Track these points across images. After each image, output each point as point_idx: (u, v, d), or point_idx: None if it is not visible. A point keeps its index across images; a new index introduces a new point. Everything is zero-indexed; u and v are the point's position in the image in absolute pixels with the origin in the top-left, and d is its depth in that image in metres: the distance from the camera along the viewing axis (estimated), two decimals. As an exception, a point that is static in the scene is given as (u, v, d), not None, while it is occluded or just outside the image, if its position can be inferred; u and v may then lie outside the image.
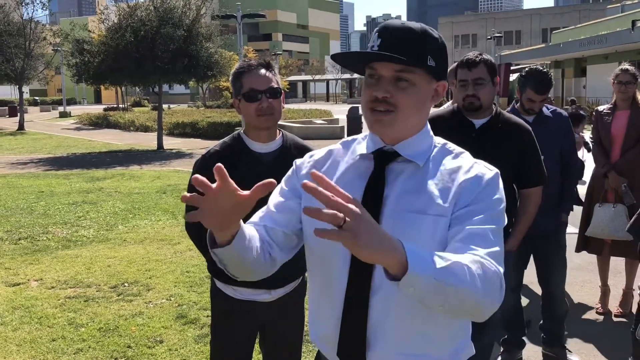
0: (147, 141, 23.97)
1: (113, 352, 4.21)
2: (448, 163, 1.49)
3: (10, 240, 7.61)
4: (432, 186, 1.45)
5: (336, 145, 1.62)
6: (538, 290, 4.43)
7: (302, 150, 2.46)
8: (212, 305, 2.72)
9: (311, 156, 1.63)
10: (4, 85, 40.06)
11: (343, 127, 24.19)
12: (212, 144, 2.64)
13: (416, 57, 1.41)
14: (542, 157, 3.25)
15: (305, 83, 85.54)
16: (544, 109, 4.00)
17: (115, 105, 47.76)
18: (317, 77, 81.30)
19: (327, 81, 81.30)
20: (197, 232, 2.66)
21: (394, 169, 1.48)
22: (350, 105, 26.10)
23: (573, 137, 4.13)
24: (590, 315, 4.98)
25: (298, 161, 1.63)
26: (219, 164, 1.22)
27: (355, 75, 78.63)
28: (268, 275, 1.53)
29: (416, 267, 1.14)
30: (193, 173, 2.59)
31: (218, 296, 2.64)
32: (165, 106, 28.14)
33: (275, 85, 2.47)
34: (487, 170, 1.48)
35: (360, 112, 21.93)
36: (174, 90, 55.03)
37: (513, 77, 32.26)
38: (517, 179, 3.21)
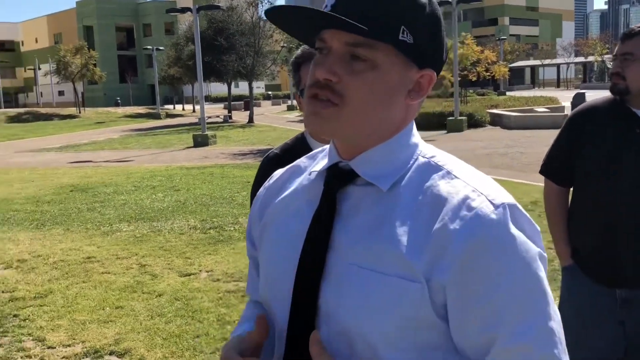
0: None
1: (249, 356, 4.09)
2: (430, 188, 0.95)
3: (201, 230, 8.04)
4: (400, 226, 0.92)
5: (303, 159, 1.18)
6: None
7: None
8: None
9: (270, 179, 1.21)
10: (243, 82, 43.89)
11: (567, 115, 22.09)
12: (425, 135, 2.25)
13: (379, 26, 0.90)
14: None
15: (533, 68, 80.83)
16: None
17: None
18: (547, 61, 76.24)
19: (558, 65, 75.86)
20: None
21: (350, 195, 1.00)
22: (576, 91, 23.81)
23: None
24: None
25: (261, 190, 1.21)
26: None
27: (590, 58, 72.25)
28: None
29: None
30: (255, 180, 2.26)
31: None
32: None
33: None
34: (489, 204, 0.90)
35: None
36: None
37: None
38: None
